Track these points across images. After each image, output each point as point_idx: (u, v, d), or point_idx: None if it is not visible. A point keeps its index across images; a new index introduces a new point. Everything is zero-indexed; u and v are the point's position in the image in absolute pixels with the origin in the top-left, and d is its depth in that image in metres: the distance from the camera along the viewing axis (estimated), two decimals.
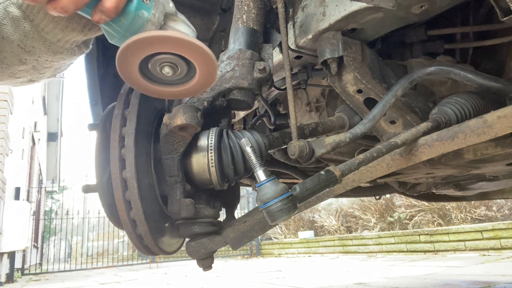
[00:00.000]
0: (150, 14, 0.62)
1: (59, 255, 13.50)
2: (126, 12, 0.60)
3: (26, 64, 0.74)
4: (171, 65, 0.62)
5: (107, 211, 0.80)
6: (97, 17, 0.58)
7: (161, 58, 0.61)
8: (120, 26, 0.61)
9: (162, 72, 0.63)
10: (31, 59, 0.73)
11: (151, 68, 0.63)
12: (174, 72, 0.63)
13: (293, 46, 0.99)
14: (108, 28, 0.62)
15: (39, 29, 0.68)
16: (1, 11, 0.67)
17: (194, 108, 0.73)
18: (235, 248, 0.86)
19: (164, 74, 0.63)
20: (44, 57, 0.73)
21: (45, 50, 0.71)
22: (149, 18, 0.62)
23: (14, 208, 6.83)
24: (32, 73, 0.77)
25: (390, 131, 1.08)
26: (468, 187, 1.68)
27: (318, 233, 9.18)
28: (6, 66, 0.73)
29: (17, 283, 6.83)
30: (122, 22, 0.61)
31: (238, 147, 0.78)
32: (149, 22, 0.62)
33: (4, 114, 6.51)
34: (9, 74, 0.75)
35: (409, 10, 0.85)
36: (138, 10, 0.60)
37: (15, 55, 0.71)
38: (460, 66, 0.90)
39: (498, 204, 6.21)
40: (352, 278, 3.56)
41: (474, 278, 2.98)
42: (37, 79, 0.80)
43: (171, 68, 0.63)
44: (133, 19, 0.61)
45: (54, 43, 0.71)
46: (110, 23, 0.61)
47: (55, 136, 17.62)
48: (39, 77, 0.80)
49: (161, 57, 0.61)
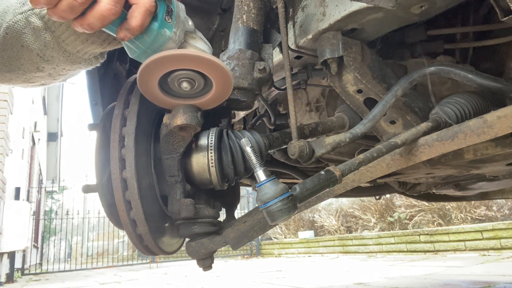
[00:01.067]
0: (171, 33, 0.65)
1: (59, 255, 13.50)
2: (149, 31, 0.63)
3: (43, 72, 0.74)
4: (189, 80, 0.66)
5: (107, 211, 0.80)
6: (122, 35, 0.61)
7: (180, 74, 0.65)
8: (143, 43, 0.64)
9: (180, 86, 0.67)
10: (48, 67, 0.73)
11: (169, 83, 0.67)
12: (191, 87, 0.67)
13: (293, 46, 0.98)
14: (130, 45, 0.65)
15: (60, 40, 0.69)
16: (22, 20, 0.67)
17: (194, 108, 0.73)
18: (235, 248, 0.86)
19: (181, 88, 0.67)
20: (62, 66, 0.74)
21: (63, 60, 0.72)
22: (170, 37, 0.65)
23: (14, 208, 6.84)
24: (46, 79, 0.78)
25: (390, 131, 1.08)
26: (468, 187, 1.68)
27: (318, 233, 9.18)
28: (22, 73, 0.73)
29: (17, 283, 6.83)
30: (145, 40, 0.63)
31: (238, 147, 0.78)
32: (171, 40, 0.65)
33: (4, 114, 6.51)
34: (23, 79, 0.76)
35: (409, 10, 0.85)
36: (161, 28, 0.63)
37: (33, 63, 0.72)
38: (460, 66, 0.90)
39: (498, 204, 6.21)
40: (352, 278, 3.56)
41: (474, 278, 2.98)
42: (49, 83, 0.81)
43: (189, 83, 0.66)
44: (155, 37, 0.63)
45: (73, 54, 0.72)
46: (133, 40, 0.63)
47: (55, 136, 17.62)
48: (52, 82, 0.81)
49: (180, 73, 0.65)
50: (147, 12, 0.60)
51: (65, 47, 0.70)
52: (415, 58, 1.12)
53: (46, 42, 0.69)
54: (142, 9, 0.60)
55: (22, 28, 0.67)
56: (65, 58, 0.72)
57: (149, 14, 0.61)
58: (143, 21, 0.60)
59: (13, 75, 0.73)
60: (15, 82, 0.76)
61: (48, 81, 0.79)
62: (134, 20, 0.59)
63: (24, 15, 0.67)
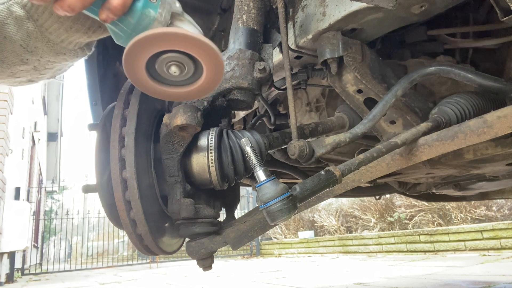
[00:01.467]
0: (156, 13, 0.62)
1: (59, 255, 13.50)
2: (132, 11, 0.60)
3: (27, 64, 0.73)
4: (178, 64, 0.62)
5: (107, 211, 0.80)
6: (104, 15, 0.58)
7: (168, 57, 0.61)
8: (127, 25, 0.61)
9: (169, 72, 0.63)
10: (33, 59, 0.72)
11: (157, 69, 0.63)
12: (181, 71, 0.63)
13: (293, 46, 0.98)
14: (115, 28, 0.62)
15: (43, 29, 0.68)
16: (4, 10, 0.67)
17: (194, 108, 0.73)
18: (235, 248, 0.86)
19: (171, 74, 0.63)
20: (46, 58, 0.73)
21: (47, 50, 0.71)
22: (155, 17, 0.62)
23: (14, 208, 6.83)
24: (32, 73, 0.77)
25: (390, 131, 1.08)
26: (468, 187, 1.68)
27: (318, 233, 9.18)
28: (6, 66, 0.72)
29: (17, 283, 6.83)
30: (128, 21, 0.61)
31: (238, 147, 0.78)
32: (156, 21, 0.62)
33: (4, 114, 6.51)
34: (9, 74, 0.75)
35: (409, 10, 0.85)
36: (145, 8, 0.60)
37: (17, 54, 0.71)
38: (460, 66, 0.89)
39: (498, 204, 6.21)
40: (352, 278, 3.56)
41: (474, 278, 2.98)
42: (37, 80, 0.80)
43: (178, 68, 0.62)
44: (139, 18, 0.61)
45: (57, 43, 0.71)
46: (116, 23, 0.61)
47: (55, 136, 17.62)
48: (39, 77, 0.79)
49: (167, 55, 0.61)
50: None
51: (48, 36, 0.69)
52: (415, 58, 1.12)
53: (29, 32, 0.68)
54: None
55: (4, 19, 0.66)
56: (49, 48, 0.71)
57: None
58: (124, 0, 0.58)
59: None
60: (0, 77, 0.76)
61: (35, 77, 0.78)
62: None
63: (6, 5, 0.66)
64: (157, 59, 0.62)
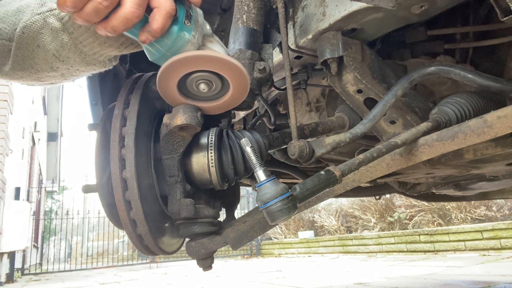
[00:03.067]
0: (190, 36, 0.66)
1: (59, 255, 13.50)
2: (169, 33, 0.65)
3: (56, 72, 0.75)
4: (207, 82, 0.68)
5: (107, 211, 0.80)
6: (144, 37, 0.62)
7: (198, 76, 0.67)
8: (163, 46, 0.66)
9: (198, 88, 0.69)
10: (63, 68, 0.74)
11: (187, 85, 0.69)
12: (209, 88, 0.69)
13: (293, 46, 0.98)
14: (150, 48, 0.67)
15: (77, 41, 0.69)
16: (40, 21, 0.68)
17: (194, 108, 0.73)
18: (235, 248, 0.86)
19: (199, 90, 0.69)
20: (76, 67, 0.74)
21: (79, 61, 0.73)
22: (189, 39, 0.67)
23: (14, 208, 6.83)
24: (57, 78, 0.78)
25: (390, 131, 1.08)
26: (468, 187, 1.68)
27: (318, 233, 9.18)
28: (34, 72, 0.74)
29: (17, 283, 6.83)
30: (165, 42, 0.65)
31: (238, 147, 0.78)
32: (189, 43, 0.67)
33: (4, 114, 6.51)
34: (35, 78, 0.76)
35: (409, 10, 0.85)
36: (181, 31, 0.65)
37: (48, 62, 0.72)
38: (460, 66, 0.89)
39: (498, 204, 6.21)
40: (352, 278, 3.56)
41: (474, 278, 2.98)
42: (58, 83, 0.82)
43: (207, 85, 0.69)
44: (175, 40, 0.65)
45: (89, 55, 0.72)
46: (153, 43, 0.65)
47: (55, 136, 17.62)
48: (62, 81, 0.81)
49: (198, 74, 0.67)
50: (168, 15, 0.62)
51: (82, 48, 0.70)
52: (415, 58, 1.12)
53: (63, 43, 0.69)
54: (163, 12, 0.61)
55: (39, 29, 0.68)
56: (80, 59, 0.72)
57: (170, 17, 0.62)
58: (164, 24, 0.62)
59: (25, 73, 0.74)
60: (25, 80, 0.77)
61: (58, 81, 0.80)
62: (155, 23, 0.61)
63: (42, 15, 0.68)
64: (188, 77, 0.68)
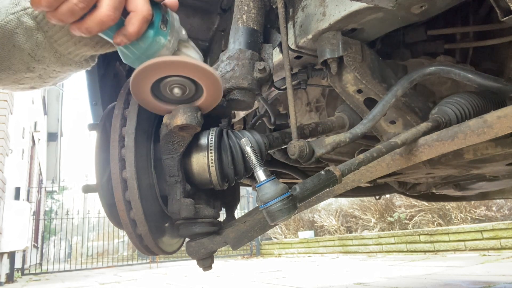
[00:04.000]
0: (166, 41, 0.67)
1: (59, 255, 13.51)
2: (145, 37, 0.65)
3: (33, 72, 0.74)
4: (180, 87, 0.69)
5: (107, 211, 0.80)
6: (118, 40, 0.63)
7: (172, 80, 0.68)
8: (138, 49, 0.66)
9: (172, 92, 0.69)
10: (39, 68, 0.74)
11: (161, 89, 0.69)
12: (182, 92, 0.70)
13: (293, 46, 0.98)
14: (125, 50, 0.67)
15: (52, 40, 0.69)
16: (14, 20, 0.68)
17: (194, 108, 0.73)
18: (235, 248, 0.85)
19: (173, 94, 0.70)
20: (52, 67, 0.74)
21: (54, 60, 0.73)
22: (165, 44, 0.67)
23: (14, 208, 6.84)
24: (36, 81, 0.78)
25: (390, 131, 1.08)
26: (468, 187, 1.68)
27: (318, 233, 9.18)
28: (12, 72, 0.73)
29: (17, 283, 6.83)
30: (140, 46, 0.66)
31: (238, 147, 0.78)
32: (165, 48, 0.68)
33: (4, 114, 6.51)
34: (13, 80, 0.76)
35: (409, 10, 0.85)
36: (156, 36, 0.66)
37: (24, 62, 0.72)
38: (460, 66, 0.89)
39: (498, 204, 6.21)
40: (352, 278, 3.56)
41: (474, 278, 2.98)
42: (39, 87, 0.82)
43: (180, 89, 0.69)
44: (150, 44, 0.66)
45: (64, 55, 0.72)
46: (128, 46, 0.66)
47: (55, 136, 17.63)
48: (42, 85, 0.81)
49: (172, 79, 0.67)
50: (144, 19, 0.62)
51: (57, 47, 0.70)
52: (415, 58, 1.12)
53: (38, 42, 0.69)
54: (139, 17, 0.62)
55: (14, 28, 0.68)
56: (56, 58, 0.72)
57: (146, 21, 0.63)
58: (140, 28, 0.62)
59: (3, 75, 0.74)
60: (4, 83, 0.76)
61: (38, 84, 0.79)
62: (131, 26, 0.62)
63: (16, 15, 0.67)
64: (161, 81, 0.68)
